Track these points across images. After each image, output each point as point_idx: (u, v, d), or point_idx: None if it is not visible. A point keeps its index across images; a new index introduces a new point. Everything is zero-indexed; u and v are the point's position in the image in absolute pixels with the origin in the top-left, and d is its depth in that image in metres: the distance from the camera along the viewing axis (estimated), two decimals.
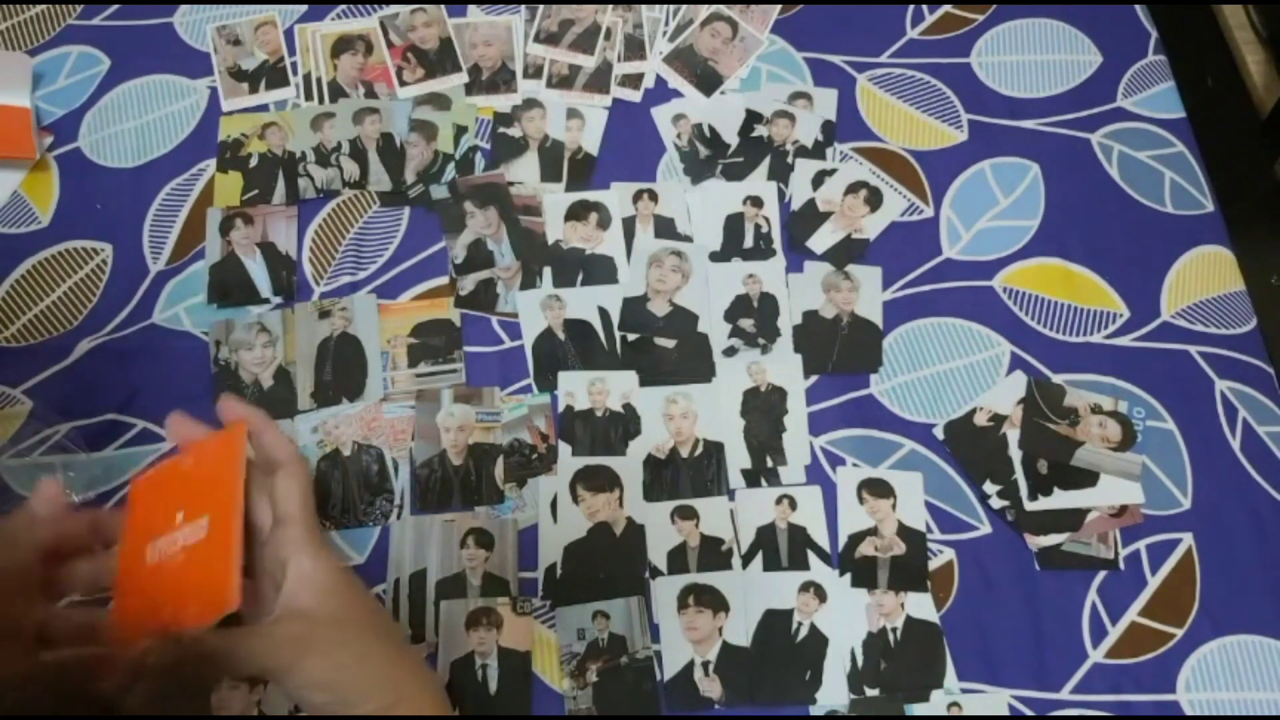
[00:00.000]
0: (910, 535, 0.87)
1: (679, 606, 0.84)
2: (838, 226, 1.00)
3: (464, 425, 0.91)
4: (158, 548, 0.56)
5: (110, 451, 0.90)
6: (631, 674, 0.82)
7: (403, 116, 1.05)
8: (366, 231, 1.00)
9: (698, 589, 0.85)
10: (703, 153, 1.04)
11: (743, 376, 0.93)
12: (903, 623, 0.84)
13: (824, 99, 1.07)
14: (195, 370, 0.94)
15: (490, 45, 1.09)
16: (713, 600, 0.84)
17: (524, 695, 0.82)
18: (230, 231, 0.99)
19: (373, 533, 0.88)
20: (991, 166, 1.03)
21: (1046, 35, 1.11)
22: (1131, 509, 0.88)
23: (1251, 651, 0.83)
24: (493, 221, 1.00)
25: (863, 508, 0.88)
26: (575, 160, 1.04)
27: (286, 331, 0.95)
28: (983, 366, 0.94)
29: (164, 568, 0.55)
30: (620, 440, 0.91)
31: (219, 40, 1.10)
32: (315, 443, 0.91)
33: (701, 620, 0.84)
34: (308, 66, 1.09)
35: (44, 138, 1.05)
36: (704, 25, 1.10)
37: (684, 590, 0.85)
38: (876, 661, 0.83)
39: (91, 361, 0.94)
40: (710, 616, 0.84)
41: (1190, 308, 0.97)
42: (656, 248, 0.98)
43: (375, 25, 1.10)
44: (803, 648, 0.83)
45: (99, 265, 0.99)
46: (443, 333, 0.95)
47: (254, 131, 1.05)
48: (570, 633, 0.84)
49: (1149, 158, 1.04)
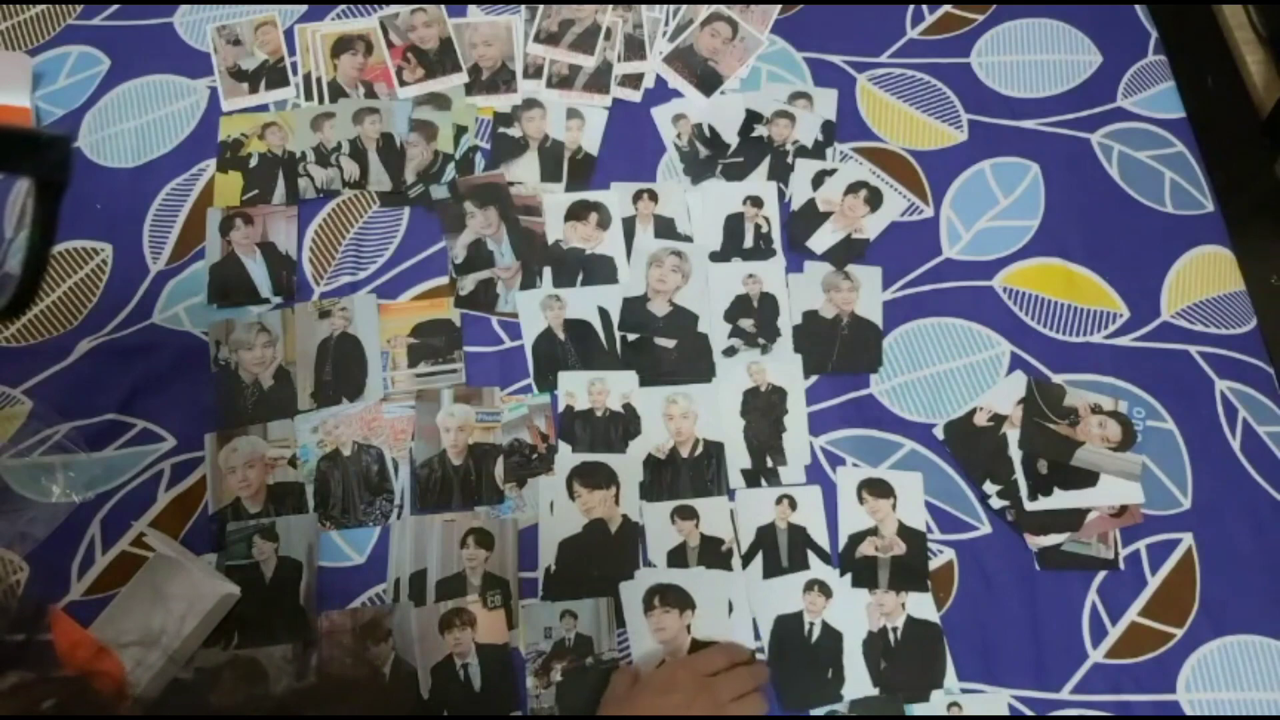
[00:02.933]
0: (910, 535, 0.87)
1: (645, 609, 0.84)
2: (838, 226, 1.00)
3: (464, 425, 0.91)
4: None
5: (110, 452, 0.90)
6: (596, 675, 0.82)
7: (403, 116, 1.05)
8: (366, 231, 1.00)
9: (663, 589, 0.85)
10: (703, 153, 1.04)
11: (743, 376, 0.93)
12: (903, 623, 0.84)
13: (824, 99, 1.06)
14: (195, 370, 0.94)
15: (490, 45, 1.09)
16: (678, 599, 0.84)
17: (509, 687, 0.82)
18: (230, 231, 0.99)
19: (373, 533, 0.88)
20: (991, 166, 1.03)
21: (1046, 35, 1.11)
22: (1131, 509, 0.88)
23: (1252, 651, 0.83)
24: (493, 221, 1.00)
25: (863, 508, 0.88)
26: (575, 160, 1.04)
27: (286, 331, 0.95)
28: (983, 366, 0.94)
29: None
30: (620, 440, 0.91)
31: (219, 40, 1.10)
32: (315, 443, 0.91)
33: (669, 620, 0.84)
34: (308, 66, 1.09)
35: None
36: (704, 25, 1.10)
37: (649, 592, 0.85)
38: (877, 661, 0.83)
39: (91, 361, 0.94)
40: (677, 616, 0.84)
41: (1190, 308, 0.97)
42: (656, 248, 0.98)
43: (375, 25, 1.10)
44: (819, 647, 0.83)
45: (99, 265, 0.99)
46: (443, 333, 0.95)
47: (254, 131, 1.05)
48: (537, 631, 0.83)
49: (1149, 158, 1.04)
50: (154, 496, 0.89)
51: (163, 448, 0.91)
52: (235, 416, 0.92)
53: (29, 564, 0.86)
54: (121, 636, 0.78)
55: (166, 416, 0.92)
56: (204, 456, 0.90)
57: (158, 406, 0.93)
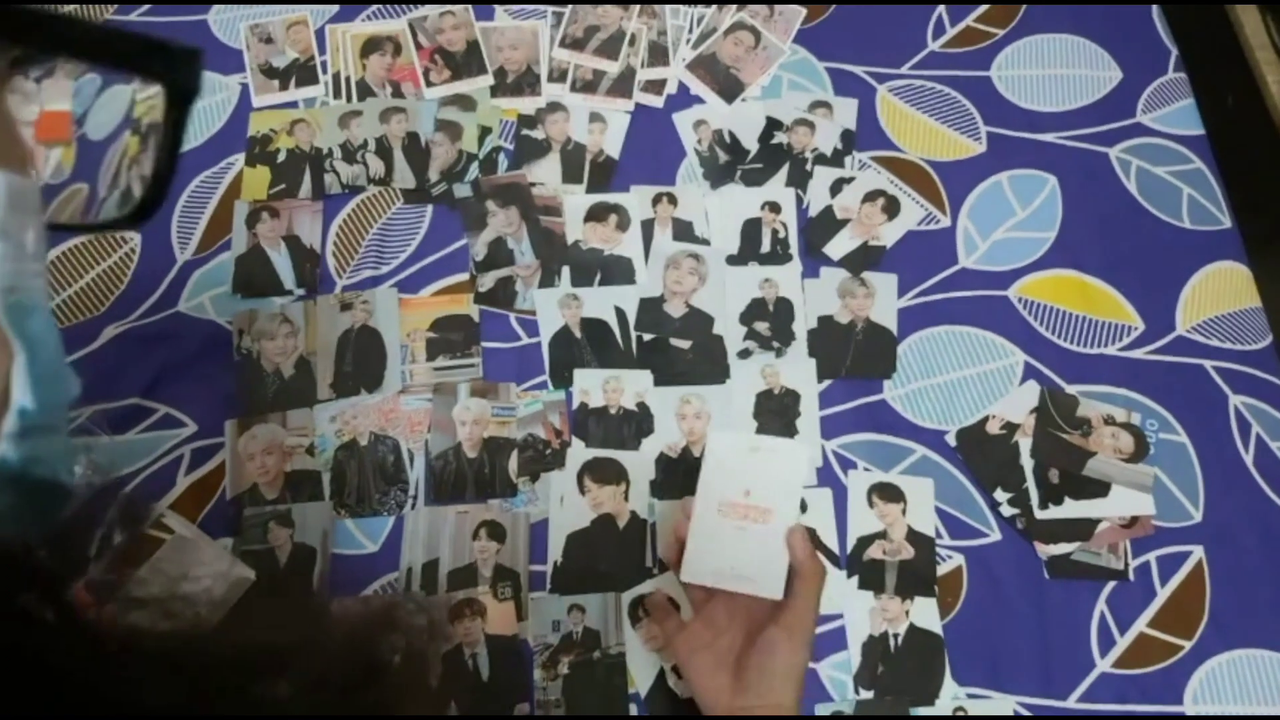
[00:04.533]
0: (919, 540, 0.87)
1: (632, 621, 0.85)
2: (855, 234, 1.01)
3: (479, 419, 0.92)
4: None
5: (132, 435, 0.92)
6: (603, 669, 0.83)
7: (428, 116, 1.07)
8: (389, 227, 1.02)
9: (645, 599, 0.85)
10: (722, 158, 1.05)
11: (756, 379, 0.94)
12: (905, 630, 0.84)
13: (844, 108, 1.08)
14: (218, 358, 0.95)
15: (516, 49, 1.11)
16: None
17: (517, 678, 0.83)
18: (256, 224, 1.01)
19: (387, 522, 0.89)
20: (1009, 178, 1.04)
21: (1067, 51, 1.11)
22: (1142, 520, 0.88)
23: (1260, 666, 0.83)
24: (514, 221, 1.01)
25: (872, 512, 0.89)
26: (596, 163, 1.05)
27: (308, 322, 0.97)
28: (996, 375, 0.95)
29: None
30: (633, 438, 0.92)
31: (251, 38, 1.13)
32: (333, 432, 0.92)
33: (657, 628, 0.84)
34: (337, 66, 1.11)
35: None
36: (727, 34, 1.11)
37: (632, 604, 0.85)
38: (874, 664, 0.83)
39: (117, 347, 0.96)
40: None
41: (1205, 323, 0.97)
42: (674, 250, 0.99)
43: (404, 27, 1.12)
44: None
45: (128, 253, 1.01)
46: (461, 328, 0.96)
47: (283, 128, 1.07)
48: (545, 624, 0.84)
49: (1167, 173, 1.04)
50: (174, 480, 0.90)
51: (184, 433, 0.92)
52: (256, 404, 0.93)
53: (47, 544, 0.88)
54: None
55: (188, 402, 0.94)
56: (224, 443, 0.92)
57: (180, 392, 0.94)
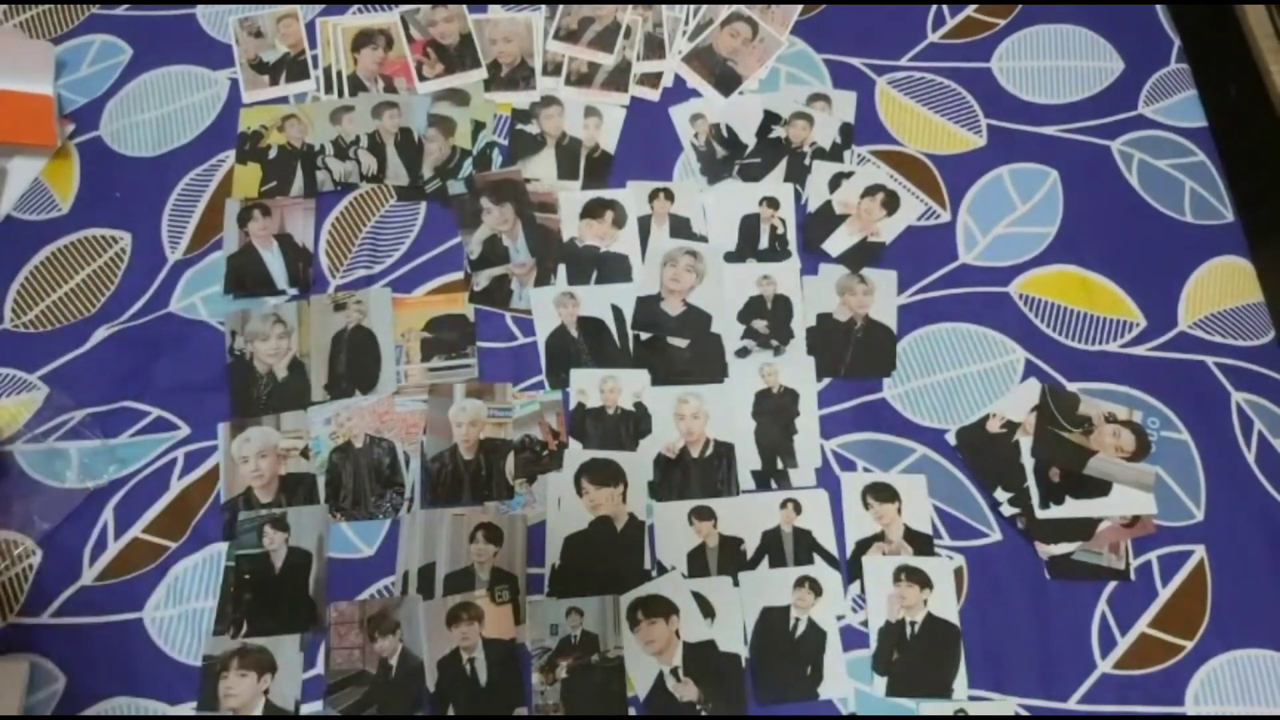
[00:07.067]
0: (917, 539, 0.87)
1: (630, 625, 0.84)
2: (854, 229, 1.00)
3: (475, 420, 0.91)
4: None
5: (124, 439, 0.91)
6: (601, 673, 0.82)
7: (421, 111, 1.06)
8: (383, 225, 1.01)
9: (643, 602, 0.84)
10: (720, 153, 1.04)
11: (755, 378, 0.93)
12: (922, 618, 0.84)
13: (843, 101, 1.06)
14: (210, 360, 0.94)
15: (510, 42, 1.09)
16: (661, 607, 0.84)
17: (515, 682, 0.82)
18: (248, 222, 1.00)
19: (383, 525, 0.88)
20: (1010, 172, 1.03)
21: (1068, 41, 1.10)
22: (1144, 519, 0.87)
23: (1262, 666, 0.82)
24: (508, 218, 1.00)
25: (868, 513, 0.88)
26: (592, 158, 1.04)
27: (301, 323, 0.96)
28: (997, 373, 0.94)
29: None
30: (631, 438, 0.91)
31: (241, 32, 1.11)
32: (328, 434, 0.91)
33: (656, 631, 0.84)
34: (328, 60, 1.09)
35: (65, 125, 1.06)
36: (724, 25, 1.10)
37: (630, 608, 0.84)
38: (890, 650, 0.82)
39: (108, 349, 0.95)
40: (664, 624, 0.84)
41: (1208, 318, 0.96)
42: (671, 247, 0.98)
43: (396, 20, 1.11)
44: (802, 643, 0.83)
45: (117, 253, 1.00)
46: (456, 328, 0.95)
47: (273, 124, 1.05)
48: (543, 628, 0.84)
49: (1169, 166, 1.03)
50: (167, 484, 0.89)
51: (176, 436, 0.91)
52: (249, 407, 0.92)
53: (42, 548, 0.87)
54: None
55: (181, 405, 0.93)
56: (217, 446, 0.91)
57: (172, 395, 0.93)
